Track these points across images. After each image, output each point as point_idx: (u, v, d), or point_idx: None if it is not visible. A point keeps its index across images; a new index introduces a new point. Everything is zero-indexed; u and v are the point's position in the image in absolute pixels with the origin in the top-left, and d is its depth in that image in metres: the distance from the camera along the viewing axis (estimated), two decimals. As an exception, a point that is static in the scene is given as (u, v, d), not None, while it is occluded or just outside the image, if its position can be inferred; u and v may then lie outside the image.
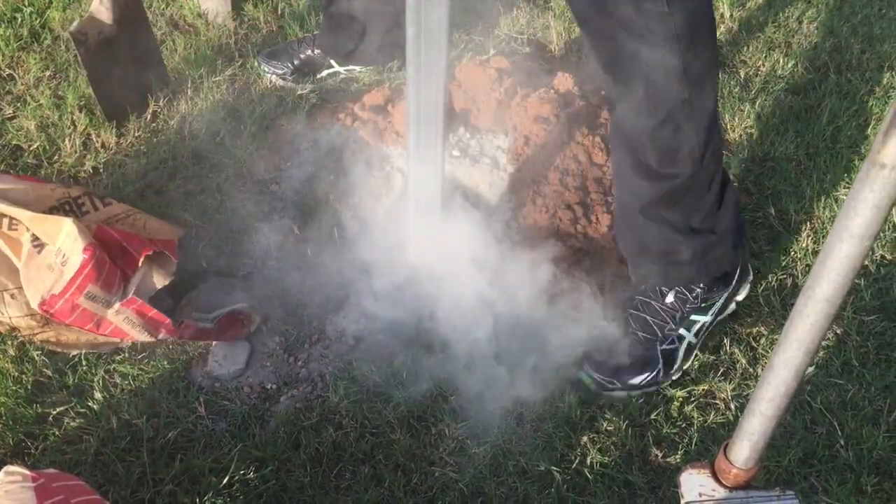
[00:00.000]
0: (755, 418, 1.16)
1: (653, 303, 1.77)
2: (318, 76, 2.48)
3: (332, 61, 2.47)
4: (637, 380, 1.75)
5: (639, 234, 1.77)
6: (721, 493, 1.25)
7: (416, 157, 1.52)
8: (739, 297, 1.89)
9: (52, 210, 1.78)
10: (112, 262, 1.71)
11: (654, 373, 1.76)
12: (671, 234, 1.71)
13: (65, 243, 1.69)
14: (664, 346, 1.76)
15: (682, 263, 1.75)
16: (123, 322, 1.72)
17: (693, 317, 1.79)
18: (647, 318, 1.77)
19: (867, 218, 0.89)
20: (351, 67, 2.48)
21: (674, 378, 1.79)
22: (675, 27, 1.41)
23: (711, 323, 1.82)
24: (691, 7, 1.42)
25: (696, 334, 1.80)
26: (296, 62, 2.44)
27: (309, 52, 2.46)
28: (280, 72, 2.44)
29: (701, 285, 1.77)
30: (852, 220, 0.90)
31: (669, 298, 1.77)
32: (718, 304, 1.82)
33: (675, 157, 1.61)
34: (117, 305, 1.71)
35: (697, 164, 1.62)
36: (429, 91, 1.35)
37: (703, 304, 1.79)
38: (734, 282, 1.84)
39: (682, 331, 1.78)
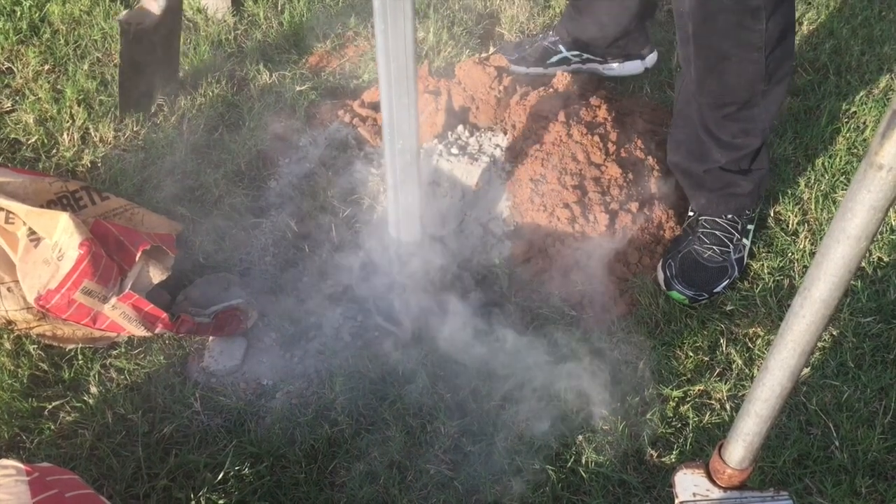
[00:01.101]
0: (750, 419, 1.16)
1: (719, 220, 2.03)
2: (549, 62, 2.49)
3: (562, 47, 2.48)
4: (719, 287, 1.97)
5: (700, 179, 2.03)
6: (715, 493, 1.25)
7: (388, 123, 1.53)
8: None
9: (49, 204, 1.78)
10: (109, 256, 1.71)
11: (731, 279, 1.99)
12: (732, 177, 2.00)
13: (61, 238, 1.69)
14: (736, 255, 2.02)
15: (740, 195, 2.02)
16: (120, 317, 1.72)
17: (748, 226, 2.08)
18: (718, 233, 2.01)
19: (864, 219, 0.89)
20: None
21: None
22: (765, 39, 1.73)
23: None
24: (782, 25, 1.74)
25: (751, 239, 2.09)
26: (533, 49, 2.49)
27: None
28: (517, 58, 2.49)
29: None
30: (849, 221, 0.90)
31: (732, 216, 2.05)
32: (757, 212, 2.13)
33: (748, 134, 1.91)
34: (114, 300, 1.71)
35: (765, 136, 1.96)
36: (398, 59, 1.38)
37: (753, 215, 2.10)
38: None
39: (744, 240, 2.05)
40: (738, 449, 1.19)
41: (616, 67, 2.50)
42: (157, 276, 1.79)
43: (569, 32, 2.46)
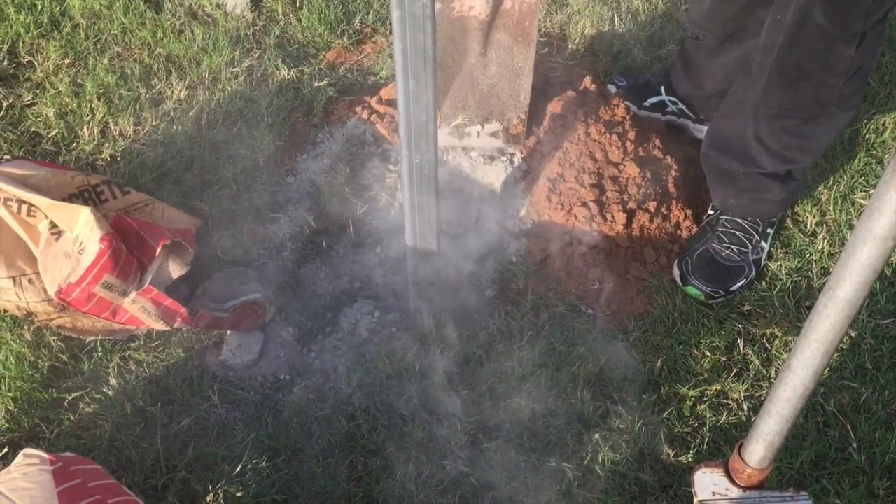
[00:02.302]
0: (771, 418, 1.16)
1: (741, 221, 2.03)
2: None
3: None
4: (736, 286, 1.97)
5: (735, 178, 2.00)
6: (735, 492, 1.25)
7: (406, 139, 1.53)
8: None
9: (71, 197, 1.79)
10: (129, 251, 1.72)
11: (748, 279, 1.99)
12: (769, 183, 1.97)
13: (82, 231, 1.70)
14: (754, 256, 2.02)
15: (771, 202, 2.01)
16: (139, 311, 1.73)
17: (768, 230, 2.08)
18: (738, 233, 2.02)
19: (891, 219, 0.89)
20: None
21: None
22: (849, 66, 1.71)
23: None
24: (868, 54, 1.73)
25: (770, 243, 2.09)
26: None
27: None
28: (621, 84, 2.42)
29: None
30: (876, 220, 0.90)
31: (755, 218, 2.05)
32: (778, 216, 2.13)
33: (802, 150, 1.90)
34: (133, 294, 1.72)
35: (818, 156, 2.04)
36: (418, 77, 1.37)
37: (775, 220, 2.10)
38: None
39: (763, 242, 2.05)
40: (759, 448, 1.19)
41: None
42: (176, 270, 1.80)
43: (671, 81, 2.38)
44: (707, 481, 1.27)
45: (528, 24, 1.96)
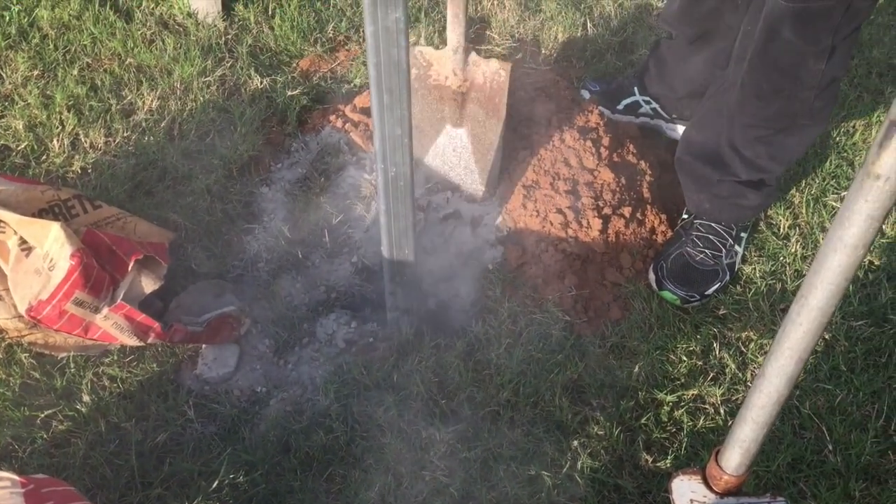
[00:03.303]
0: (747, 425, 1.16)
1: (715, 225, 2.05)
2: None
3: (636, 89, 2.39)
4: (711, 290, 1.98)
5: (709, 184, 2.01)
6: (712, 499, 1.25)
7: (381, 152, 1.52)
8: None
9: (41, 213, 1.77)
10: (101, 266, 1.70)
11: (722, 283, 2.00)
12: (743, 189, 1.99)
13: (52, 247, 1.68)
14: (727, 260, 2.03)
15: (745, 207, 2.03)
16: (112, 327, 1.71)
17: (741, 234, 2.09)
18: (712, 238, 2.04)
19: (861, 228, 0.90)
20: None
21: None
22: (819, 80, 1.72)
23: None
24: (838, 68, 1.73)
25: (744, 247, 2.10)
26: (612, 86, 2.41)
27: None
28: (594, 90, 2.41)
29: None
30: (846, 229, 0.91)
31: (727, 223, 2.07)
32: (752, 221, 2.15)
33: (774, 159, 1.90)
34: (105, 311, 1.70)
35: (790, 165, 2.05)
36: (392, 92, 1.37)
37: (748, 224, 2.12)
38: None
39: (737, 246, 2.07)
40: (735, 455, 1.20)
41: (679, 131, 2.37)
42: (149, 285, 1.78)
43: (644, 82, 2.38)
44: (685, 489, 1.27)
45: (497, 101, 2.02)
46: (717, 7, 2.01)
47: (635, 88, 2.37)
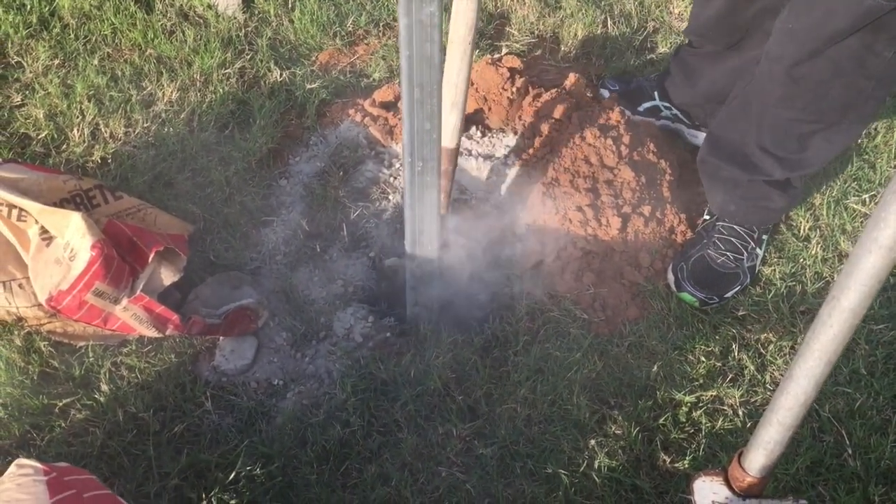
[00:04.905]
0: (772, 427, 1.15)
1: (737, 227, 2.04)
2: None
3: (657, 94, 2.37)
4: (730, 292, 1.97)
5: (736, 185, 1.98)
6: (735, 501, 1.25)
7: (409, 146, 1.51)
8: None
9: (62, 202, 1.77)
10: (121, 257, 1.70)
11: (742, 286, 1.99)
12: (770, 191, 1.96)
13: (73, 237, 1.68)
14: (748, 263, 2.02)
15: (771, 210, 2.01)
16: (131, 318, 1.71)
17: (763, 236, 2.08)
18: (734, 240, 2.02)
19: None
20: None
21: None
22: (884, 72, 1.66)
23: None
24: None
25: (765, 249, 2.08)
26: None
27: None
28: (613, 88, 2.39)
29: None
30: (881, 231, 0.90)
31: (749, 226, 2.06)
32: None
33: (816, 154, 1.86)
34: (125, 302, 1.70)
35: (826, 163, 1.99)
36: (423, 86, 1.36)
37: (769, 227, 2.10)
38: None
39: (758, 249, 2.05)
40: (759, 457, 1.19)
41: (701, 137, 2.33)
42: (168, 277, 1.78)
43: (665, 87, 2.35)
44: (707, 490, 1.26)
45: None
46: (756, 15, 1.98)
47: (655, 93, 2.35)
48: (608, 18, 2.66)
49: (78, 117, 2.24)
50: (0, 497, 1.12)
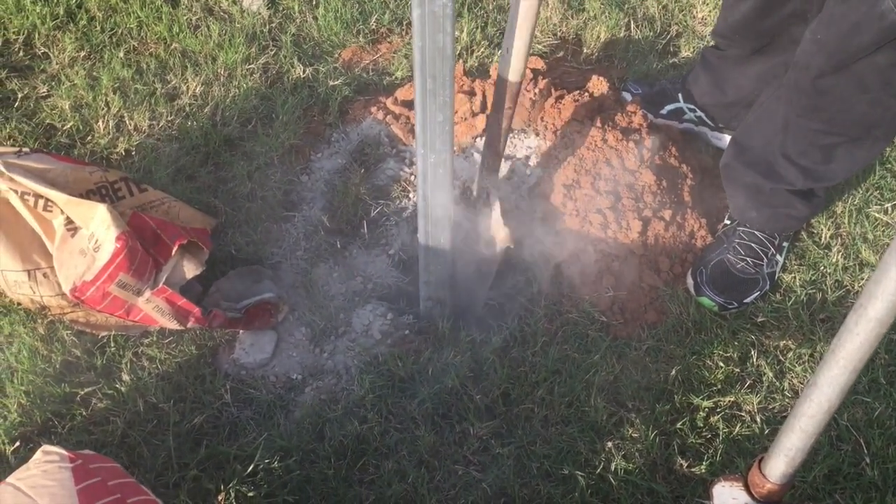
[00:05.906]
0: (794, 434, 1.15)
1: (757, 233, 2.04)
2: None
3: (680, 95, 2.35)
4: (749, 298, 1.97)
5: (759, 192, 1.98)
6: (754, 506, 1.25)
7: (422, 138, 1.52)
8: None
9: (88, 194, 1.78)
10: (144, 249, 1.71)
11: (762, 291, 1.99)
12: (793, 199, 1.96)
13: (98, 229, 1.69)
14: (768, 269, 2.02)
15: (793, 217, 2.01)
16: (153, 310, 1.73)
17: (784, 243, 2.07)
18: (755, 246, 2.02)
19: (928, 240, 0.89)
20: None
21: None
22: None
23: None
24: None
25: (785, 256, 2.08)
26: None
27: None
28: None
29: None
30: (912, 241, 0.90)
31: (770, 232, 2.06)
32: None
33: (839, 167, 1.86)
34: (148, 294, 1.71)
35: (850, 176, 2.03)
36: (435, 77, 1.36)
37: (791, 233, 2.09)
38: None
39: (778, 256, 2.05)
40: (780, 464, 1.19)
41: (724, 139, 2.33)
42: (191, 270, 1.79)
43: (689, 89, 2.34)
44: (726, 495, 1.26)
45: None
46: (783, 21, 1.98)
47: (679, 95, 2.35)
48: (631, 21, 2.66)
49: (103, 109, 2.26)
50: (26, 483, 1.13)
